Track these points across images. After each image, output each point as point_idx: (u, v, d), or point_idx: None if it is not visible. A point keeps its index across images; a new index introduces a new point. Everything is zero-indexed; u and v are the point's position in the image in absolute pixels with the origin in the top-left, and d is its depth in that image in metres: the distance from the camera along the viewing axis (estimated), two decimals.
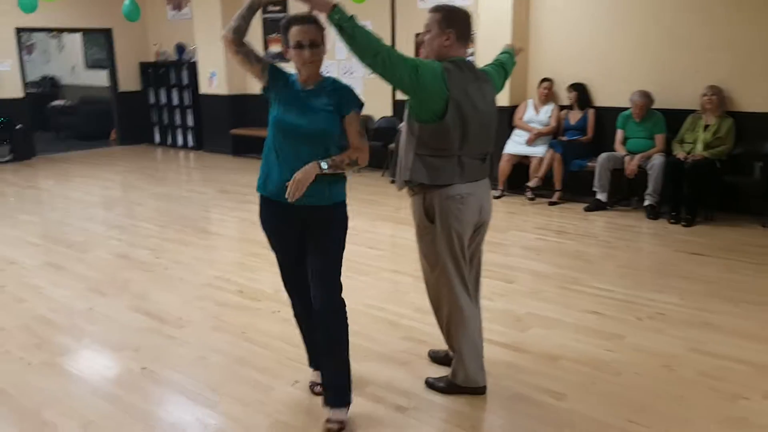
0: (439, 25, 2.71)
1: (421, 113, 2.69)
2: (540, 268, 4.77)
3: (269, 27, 9.86)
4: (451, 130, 2.67)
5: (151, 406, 2.93)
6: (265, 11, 9.85)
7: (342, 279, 2.66)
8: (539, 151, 6.87)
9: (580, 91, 6.85)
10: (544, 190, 6.88)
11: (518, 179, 7.11)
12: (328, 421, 2.67)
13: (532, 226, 5.98)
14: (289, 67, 2.68)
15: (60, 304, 4.13)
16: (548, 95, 7.06)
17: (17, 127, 9.87)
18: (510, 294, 4.25)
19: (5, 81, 9.88)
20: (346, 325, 2.71)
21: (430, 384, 3.06)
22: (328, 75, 2.65)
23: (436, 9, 2.75)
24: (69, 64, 13.79)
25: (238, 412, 2.86)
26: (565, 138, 6.87)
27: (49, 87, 14.08)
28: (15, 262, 5.03)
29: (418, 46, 2.90)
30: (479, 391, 2.97)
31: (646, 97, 6.27)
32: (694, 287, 4.33)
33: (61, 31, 11.80)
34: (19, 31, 10.03)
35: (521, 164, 7.07)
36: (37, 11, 7.66)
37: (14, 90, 10.01)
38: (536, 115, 7.06)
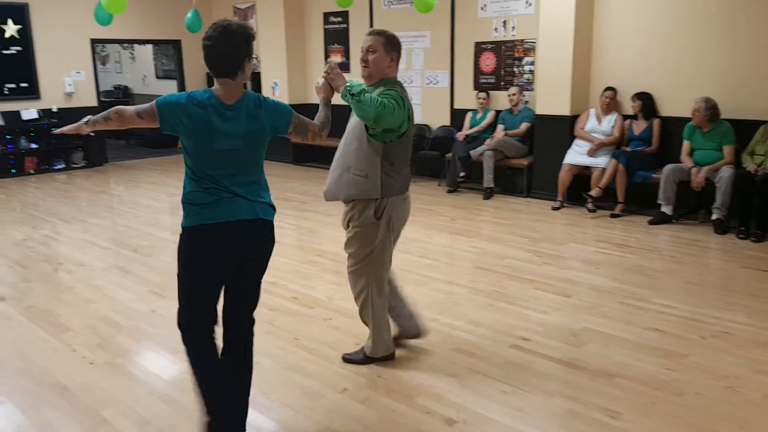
0: (384, 48, 3.04)
1: (394, 135, 3.01)
2: (599, 283, 4.64)
3: (330, 37, 10.01)
4: (409, 141, 3.11)
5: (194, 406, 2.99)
6: (326, 22, 10.02)
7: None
8: (601, 161, 6.70)
9: (645, 101, 6.65)
10: (605, 202, 6.70)
11: (578, 190, 6.95)
12: None
13: (592, 238, 5.83)
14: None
15: (124, 306, 4.29)
16: (611, 104, 6.89)
17: (91, 134, 10.34)
18: (567, 308, 4.15)
19: (80, 90, 10.37)
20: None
21: (347, 359, 3.40)
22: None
23: (379, 33, 3.08)
24: (140, 74, 14.37)
25: (289, 417, 2.89)
26: (628, 149, 6.68)
27: (121, 96, 14.71)
28: (84, 264, 5.26)
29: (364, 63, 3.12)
30: (391, 357, 3.40)
31: (706, 102, 6.01)
32: (762, 305, 4.12)
33: (132, 42, 12.31)
34: (94, 42, 10.52)
35: (582, 175, 6.92)
36: (111, 23, 8.01)
37: (89, 98, 10.49)
38: (598, 125, 6.90)
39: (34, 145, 9.82)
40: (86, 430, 2.80)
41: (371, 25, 9.33)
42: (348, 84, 2.91)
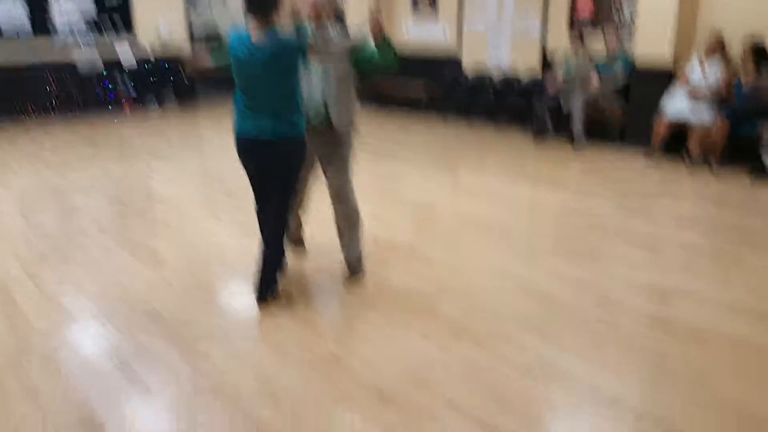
0: None
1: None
2: (692, 240, 4.42)
3: None
4: None
5: (285, 344, 3.11)
6: None
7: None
8: (704, 117, 6.29)
9: (759, 54, 6.13)
10: (704, 156, 6.32)
11: (675, 144, 6.59)
12: None
13: (688, 193, 5.55)
14: None
15: (214, 242, 4.46)
16: (716, 50, 6.40)
17: (183, 77, 10.63)
18: (656, 265, 3.99)
19: (174, 34, 10.61)
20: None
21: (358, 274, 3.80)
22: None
23: None
24: (230, 18, 14.51)
25: (368, 352, 2.95)
26: (735, 101, 6.22)
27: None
28: (178, 201, 5.49)
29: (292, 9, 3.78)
30: None
31: None
32: None
33: None
34: None
35: (680, 129, 6.53)
36: None
37: (181, 42, 10.74)
38: (703, 78, 6.44)
39: (130, 86, 10.21)
40: (181, 355, 2.97)
41: None
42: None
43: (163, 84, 10.53)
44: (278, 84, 3.17)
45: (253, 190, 3.47)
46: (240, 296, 3.69)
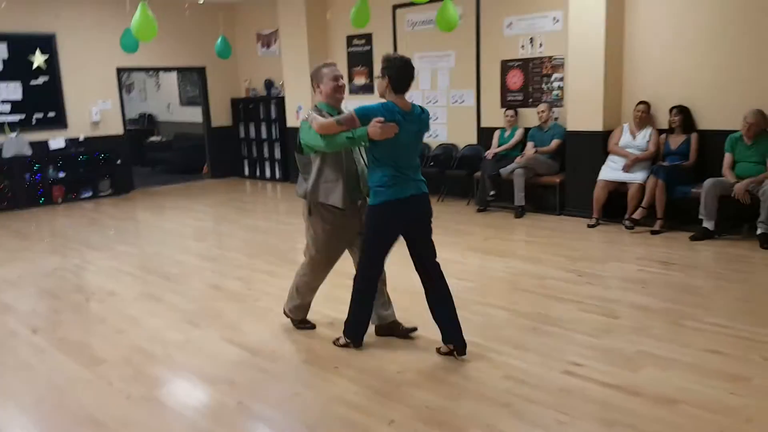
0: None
1: None
2: (647, 302, 4.44)
3: (354, 59, 9.99)
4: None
5: None
6: (350, 45, 10.01)
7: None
8: (637, 177, 6.53)
9: (685, 114, 6.48)
10: (643, 219, 6.50)
11: (614, 207, 6.77)
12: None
13: (633, 256, 5.63)
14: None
15: (157, 336, 4.18)
16: (644, 119, 6.73)
17: (117, 162, 10.38)
18: (616, 330, 3.97)
19: (107, 119, 10.43)
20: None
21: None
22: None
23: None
24: (165, 102, 14.48)
25: None
26: (666, 163, 6.50)
27: (146, 124, 14.81)
28: (114, 293, 5.18)
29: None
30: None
31: (761, 116, 5.85)
32: None
33: (157, 70, 12.42)
34: (120, 71, 10.60)
35: (617, 191, 6.74)
36: (137, 51, 8.04)
37: (115, 127, 10.55)
38: (633, 140, 6.73)
39: (61, 174, 9.86)
40: None
41: (395, 47, 9.28)
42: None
43: (97, 171, 10.23)
44: (420, 146, 3.64)
45: (384, 252, 3.66)
46: (186, 391, 3.42)
